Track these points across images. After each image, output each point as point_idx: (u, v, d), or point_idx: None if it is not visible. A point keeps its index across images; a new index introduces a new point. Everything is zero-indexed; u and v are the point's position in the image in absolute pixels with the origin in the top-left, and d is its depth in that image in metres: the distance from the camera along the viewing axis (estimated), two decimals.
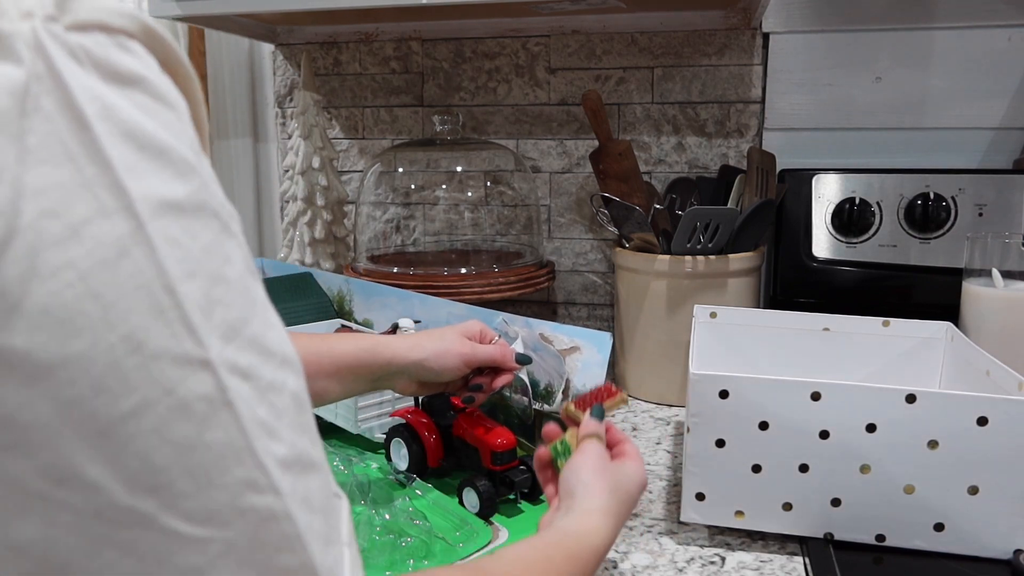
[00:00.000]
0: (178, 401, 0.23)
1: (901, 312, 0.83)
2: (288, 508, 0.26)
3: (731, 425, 0.60)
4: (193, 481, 0.24)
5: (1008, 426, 0.55)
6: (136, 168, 0.24)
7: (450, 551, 0.60)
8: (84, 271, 0.22)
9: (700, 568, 0.58)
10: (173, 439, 0.23)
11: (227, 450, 0.24)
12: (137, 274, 0.23)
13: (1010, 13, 1.00)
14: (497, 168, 1.18)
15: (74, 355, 0.22)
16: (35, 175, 0.22)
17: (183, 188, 0.25)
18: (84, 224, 0.22)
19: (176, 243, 0.24)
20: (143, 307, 0.23)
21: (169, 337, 0.23)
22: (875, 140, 1.07)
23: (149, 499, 0.23)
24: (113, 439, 0.23)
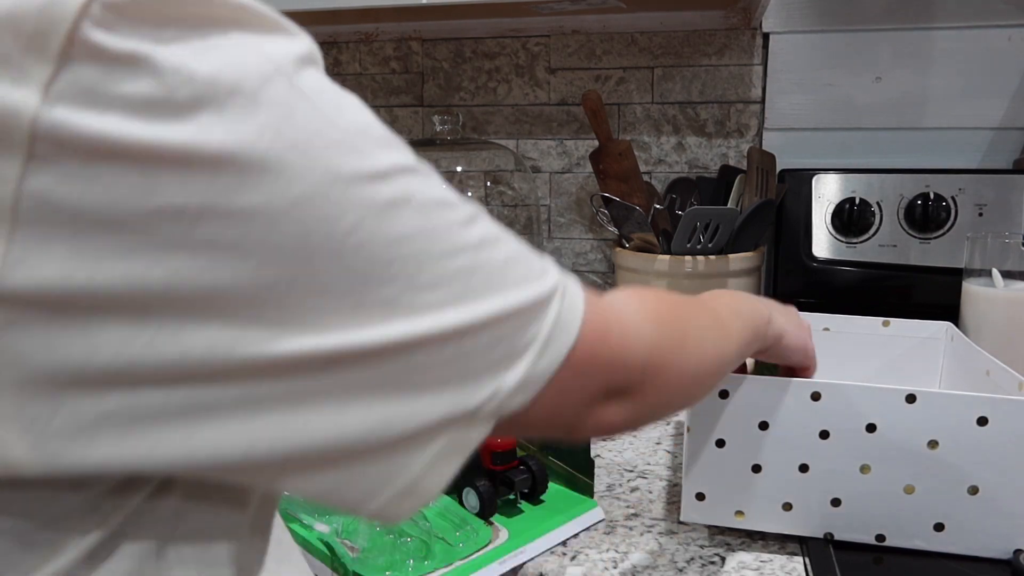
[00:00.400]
0: (378, 208, 0.29)
1: (901, 312, 0.83)
2: (476, 261, 0.31)
3: (731, 425, 0.60)
4: (414, 263, 0.29)
5: (1008, 426, 0.55)
6: (268, 36, 0.28)
7: (450, 551, 0.60)
8: (276, 128, 0.27)
9: (700, 568, 0.58)
10: (388, 237, 0.29)
11: (423, 233, 0.30)
12: (309, 120, 0.28)
13: (1010, 13, 1.00)
14: (497, 168, 1.18)
15: (297, 197, 0.27)
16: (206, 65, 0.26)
17: (297, 44, 0.29)
18: (257, 91, 0.26)
19: (316, 89, 0.29)
20: (324, 144, 0.28)
21: (350, 163, 0.28)
22: (875, 140, 1.07)
23: (391, 286, 0.29)
24: (347, 252, 0.28)
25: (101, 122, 0.24)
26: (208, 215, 0.26)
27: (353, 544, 0.60)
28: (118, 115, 0.24)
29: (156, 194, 0.25)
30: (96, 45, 0.24)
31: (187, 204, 0.25)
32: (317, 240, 0.27)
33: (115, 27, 0.24)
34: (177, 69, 0.25)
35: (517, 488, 0.67)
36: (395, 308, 0.29)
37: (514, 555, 0.60)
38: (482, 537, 0.62)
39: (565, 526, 0.64)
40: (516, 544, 0.61)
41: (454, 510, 0.66)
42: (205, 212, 0.25)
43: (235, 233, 0.26)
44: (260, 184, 0.26)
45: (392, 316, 0.29)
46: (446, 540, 0.61)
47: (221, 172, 0.26)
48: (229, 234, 0.26)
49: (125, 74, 0.25)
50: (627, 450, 0.80)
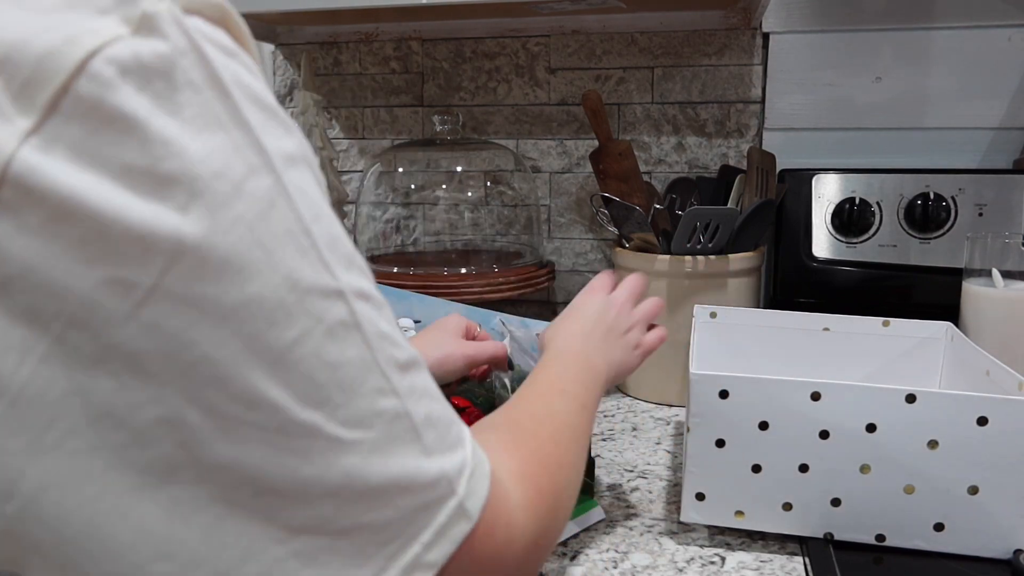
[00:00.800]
0: (326, 327, 0.28)
1: (901, 312, 0.83)
2: (404, 407, 0.30)
3: (731, 425, 0.60)
4: (343, 394, 0.28)
5: (1008, 426, 0.55)
6: (265, 127, 0.27)
7: None
8: (250, 223, 0.26)
9: (700, 568, 0.58)
10: (327, 359, 0.28)
11: (362, 363, 0.29)
12: (284, 221, 0.27)
13: (1010, 13, 1.00)
14: (497, 168, 1.18)
15: (251, 297, 0.26)
16: (198, 144, 0.25)
17: (292, 142, 0.29)
18: (243, 182, 0.26)
19: (301, 191, 0.28)
20: (292, 250, 0.27)
21: (313, 274, 0.27)
22: (875, 140, 1.07)
23: (316, 412, 0.27)
24: (286, 364, 0.27)
25: (75, 178, 0.23)
26: (158, 297, 0.24)
27: None
28: (95, 175, 0.24)
29: (111, 265, 0.24)
30: (89, 103, 0.23)
31: (139, 282, 0.24)
32: (260, 346, 0.26)
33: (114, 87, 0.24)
34: (168, 142, 0.25)
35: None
36: (315, 438, 0.27)
37: None
38: None
39: (570, 525, 0.64)
40: None
41: None
42: (156, 293, 0.24)
43: (181, 321, 0.25)
44: (218, 277, 0.25)
45: (310, 448, 0.27)
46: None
47: (182, 257, 0.25)
48: (174, 322, 0.25)
49: (113, 136, 0.24)
50: (627, 450, 0.80)
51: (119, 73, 0.24)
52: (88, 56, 0.23)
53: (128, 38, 0.24)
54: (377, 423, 0.29)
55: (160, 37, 0.25)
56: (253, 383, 0.26)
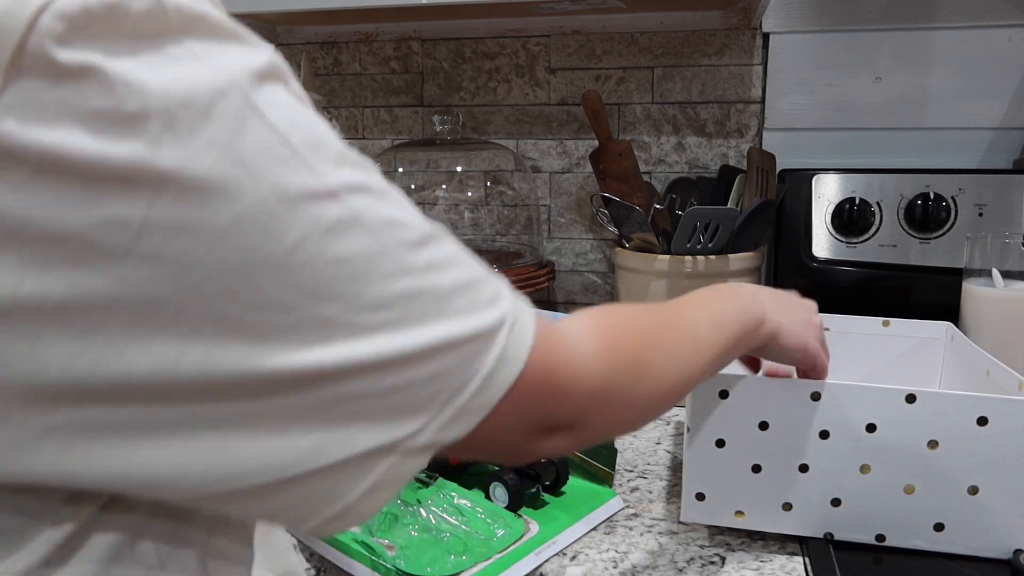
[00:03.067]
0: (324, 227, 0.29)
1: (901, 312, 0.83)
2: (422, 285, 0.31)
3: (731, 425, 0.60)
4: (357, 283, 0.29)
5: (1008, 426, 0.55)
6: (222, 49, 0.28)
7: (486, 546, 0.60)
8: (224, 143, 0.26)
9: (700, 568, 0.58)
10: (331, 256, 0.29)
11: (369, 253, 0.30)
12: (259, 136, 0.27)
13: (1010, 13, 1.00)
14: (497, 168, 1.18)
15: (240, 214, 0.27)
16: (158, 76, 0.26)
17: (259, 55, 0.29)
18: (209, 106, 0.26)
19: (272, 103, 0.28)
20: (273, 162, 0.28)
21: (299, 180, 0.28)
22: (875, 140, 1.07)
23: (332, 305, 0.29)
24: (290, 269, 0.28)
25: (49, 134, 0.24)
26: (151, 228, 0.26)
27: (390, 543, 0.60)
28: (66, 127, 0.25)
29: (101, 206, 0.25)
30: (46, 57, 0.24)
31: (130, 217, 0.25)
32: (260, 256, 0.27)
33: (67, 39, 0.24)
34: (128, 82, 0.25)
35: (543, 481, 0.68)
36: (335, 329, 0.29)
37: (548, 546, 0.61)
38: (515, 530, 0.62)
39: (591, 515, 0.65)
40: (548, 535, 0.62)
41: (484, 505, 0.67)
42: (148, 225, 0.26)
43: (178, 246, 0.26)
44: (204, 200, 0.26)
45: (331, 337, 0.29)
46: (481, 535, 0.61)
47: (165, 188, 0.26)
48: (172, 247, 0.26)
49: (75, 86, 0.25)
50: (627, 450, 0.80)
51: (69, 26, 0.24)
52: (37, 13, 0.24)
53: None
54: (399, 303, 0.30)
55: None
56: (262, 289, 0.27)
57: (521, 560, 0.59)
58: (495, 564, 0.58)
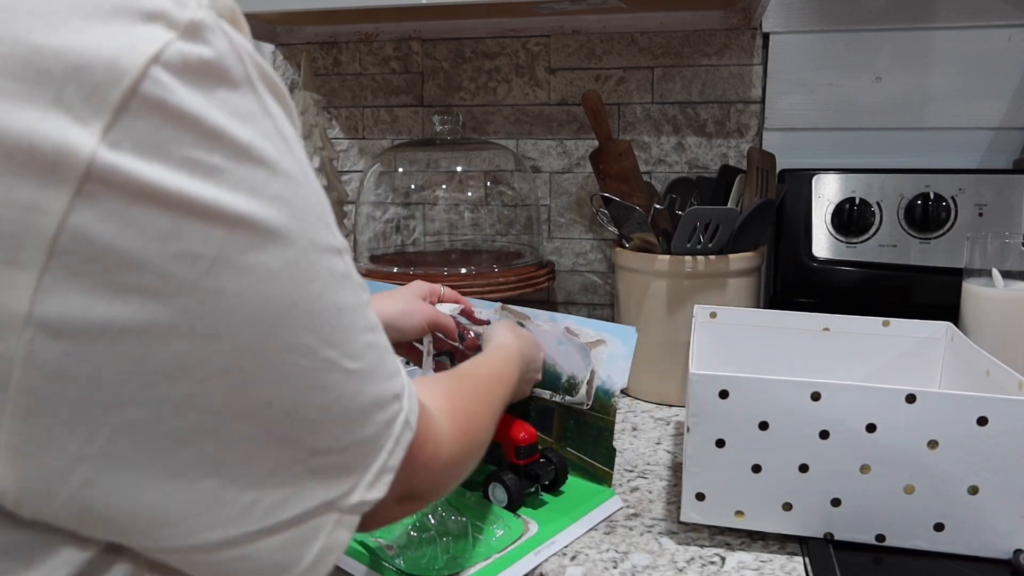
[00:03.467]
0: (335, 279, 0.33)
1: (901, 312, 0.83)
2: (377, 338, 0.36)
3: (731, 425, 0.60)
4: (347, 333, 0.34)
5: (1008, 426, 0.55)
6: (279, 114, 0.32)
7: (486, 545, 0.60)
8: (285, 199, 0.31)
9: (700, 568, 0.58)
10: (337, 305, 0.33)
11: (355, 306, 0.34)
12: (306, 196, 0.32)
13: (1010, 13, 1.00)
14: (497, 168, 1.18)
15: (289, 260, 0.31)
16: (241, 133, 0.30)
17: (296, 124, 0.34)
18: (276, 164, 0.31)
19: (308, 165, 0.33)
20: (313, 217, 0.32)
21: (326, 236, 0.33)
22: (875, 140, 1.07)
23: (333, 350, 0.33)
24: (315, 313, 0.32)
25: (146, 170, 0.27)
26: (220, 264, 0.29)
27: (389, 543, 0.60)
28: (162, 165, 0.27)
29: (180, 239, 0.28)
30: (153, 101, 0.27)
31: (204, 252, 0.28)
32: (296, 299, 0.31)
33: (173, 87, 0.27)
34: (220, 133, 0.29)
35: (542, 481, 0.69)
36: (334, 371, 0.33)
37: (547, 545, 0.61)
38: (515, 530, 0.63)
39: (590, 515, 0.66)
40: (547, 535, 0.62)
41: (484, 505, 0.66)
42: (219, 261, 0.29)
43: (239, 284, 0.29)
44: (265, 245, 0.30)
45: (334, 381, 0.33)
46: (480, 534, 0.62)
47: (238, 229, 0.29)
48: (234, 284, 0.29)
49: (175, 130, 0.27)
50: (627, 450, 0.80)
51: (176, 75, 0.27)
52: (150, 61, 0.27)
53: (178, 42, 0.28)
54: (367, 354, 0.35)
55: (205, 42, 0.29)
56: (293, 331, 0.31)
57: (520, 560, 0.59)
58: (494, 564, 0.58)
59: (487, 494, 0.68)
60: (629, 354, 0.72)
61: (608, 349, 0.73)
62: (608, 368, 0.73)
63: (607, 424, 0.71)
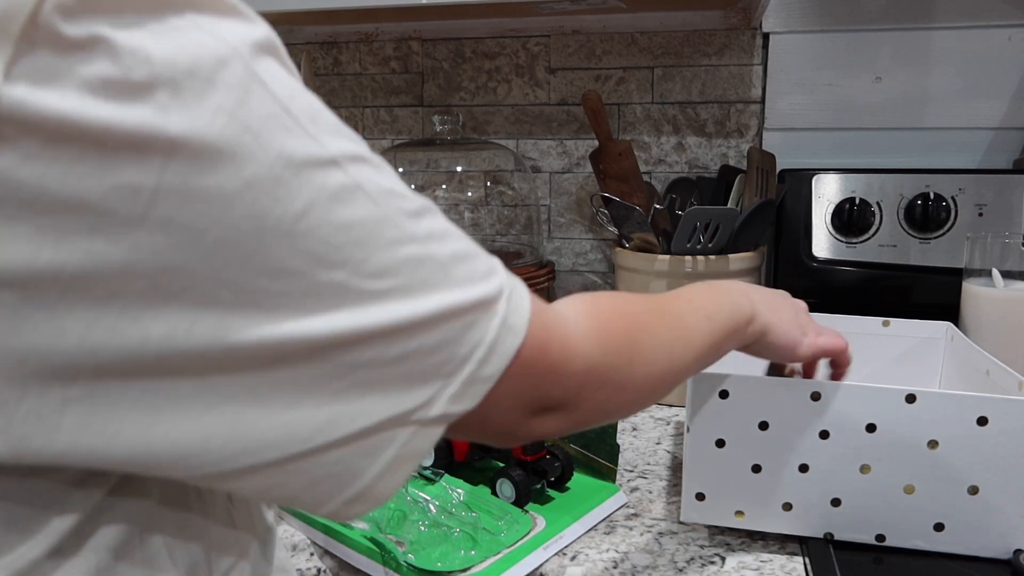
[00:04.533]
0: (329, 194, 0.29)
1: (901, 312, 0.83)
2: (424, 253, 0.32)
3: (731, 425, 0.60)
4: (363, 249, 0.30)
5: (1008, 426, 0.55)
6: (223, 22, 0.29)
7: (494, 541, 0.60)
8: (231, 111, 0.27)
9: (700, 568, 0.58)
10: (337, 222, 0.29)
11: (372, 220, 0.30)
12: (263, 105, 0.28)
13: (1010, 13, 1.00)
14: (497, 168, 1.18)
15: (249, 179, 0.27)
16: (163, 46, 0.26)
17: (258, 30, 0.30)
18: (213, 75, 0.27)
19: (271, 75, 0.29)
20: (278, 129, 0.28)
21: (303, 147, 0.29)
22: (875, 140, 1.07)
23: (340, 271, 0.29)
24: (299, 234, 0.28)
25: (61, 102, 0.25)
26: (164, 194, 0.26)
27: (399, 539, 0.60)
28: (77, 95, 0.25)
29: (114, 173, 0.25)
30: (55, 29, 0.25)
31: (143, 183, 0.26)
32: (269, 222, 0.28)
33: (75, 13, 0.25)
34: (134, 51, 0.26)
35: (548, 477, 0.69)
36: (343, 295, 0.30)
37: (555, 541, 0.61)
38: (523, 526, 0.63)
39: (596, 510, 0.66)
40: (555, 530, 0.62)
41: (491, 501, 0.67)
42: (160, 191, 0.26)
43: (190, 212, 0.27)
44: (214, 166, 0.27)
45: (340, 304, 0.30)
46: (489, 530, 0.62)
47: (176, 154, 0.26)
48: (184, 213, 0.26)
49: (83, 56, 0.25)
50: (627, 450, 0.80)
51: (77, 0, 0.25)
52: None
53: None
54: (403, 269, 0.31)
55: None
56: (272, 255, 0.28)
57: (529, 555, 0.59)
58: (504, 559, 0.58)
59: (495, 490, 0.68)
60: None
61: None
62: None
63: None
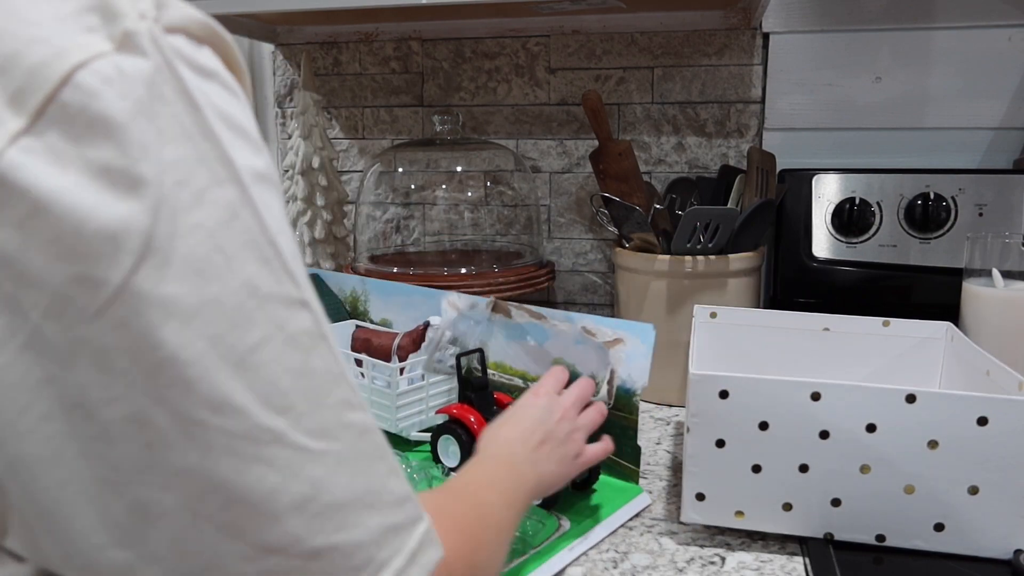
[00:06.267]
0: (289, 335, 0.28)
1: (901, 312, 0.83)
2: (369, 423, 0.30)
3: (731, 425, 0.60)
4: (308, 402, 0.29)
5: (1008, 426, 0.55)
6: (234, 144, 0.28)
7: (522, 542, 0.61)
8: (210, 229, 0.27)
9: (700, 568, 0.58)
10: (290, 366, 0.28)
11: (328, 374, 0.29)
12: (247, 231, 0.28)
13: (1010, 13, 1.00)
14: (497, 168, 1.18)
15: (211, 298, 0.27)
16: (168, 151, 0.26)
17: (262, 161, 0.30)
18: (205, 191, 0.27)
19: (267, 206, 0.29)
20: (254, 258, 0.28)
21: (276, 282, 0.29)
22: (875, 140, 1.07)
23: (280, 418, 0.28)
24: (249, 368, 0.27)
25: (55, 179, 0.25)
26: (126, 295, 0.25)
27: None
28: (74, 176, 0.25)
29: (82, 261, 0.25)
30: (73, 108, 0.25)
31: (109, 279, 0.25)
32: (222, 348, 0.27)
33: (97, 94, 0.25)
34: (144, 145, 0.26)
35: (577, 479, 0.69)
36: (280, 449, 0.28)
37: (581, 541, 0.62)
38: (549, 527, 0.63)
39: (620, 511, 0.66)
40: (580, 531, 0.63)
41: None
42: (123, 291, 0.25)
43: (147, 320, 0.26)
44: (181, 278, 0.26)
45: (275, 461, 0.28)
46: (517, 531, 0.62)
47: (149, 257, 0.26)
48: (141, 319, 0.26)
49: (93, 139, 0.25)
50: None
51: (102, 83, 0.25)
52: (74, 68, 0.25)
53: (111, 54, 0.26)
54: (344, 435, 0.29)
55: (139, 54, 0.26)
56: (218, 385, 0.27)
57: (556, 555, 0.59)
58: (532, 559, 0.58)
59: None
60: (648, 352, 0.72)
61: (626, 348, 0.74)
62: (628, 367, 0.73)
63: (630, 423, 0.72)
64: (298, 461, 0.28)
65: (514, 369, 0.81)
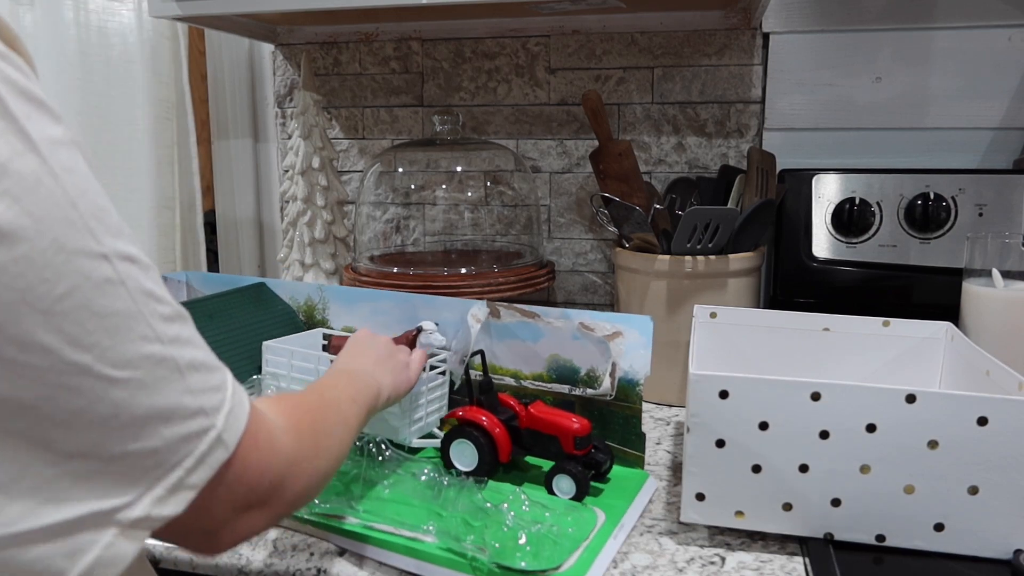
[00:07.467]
0: (93, 283, 0.33)
1: (901, 312, 0.83)
2: (168, 352, 0.36)
3: (731, 425, 0.60)
4: (111, 338, 0.33)
5: (1008, 426, 0.55)
6: (31, 116, 0.32)
7: (569, 538, 0.60)
8: (16, 196, 0.30)
9: (700, 568, 0.58)
10: (95, 309, 0.33)
11: (127, 314, 0.34)
12: (50, 196, 0.32)
13: (1010, 13, 1.00)
14: (497, 168, 1.18)
15: (20, 257, 0.30)
16: None
17: (60, 128, 0.34)
18: (8, 163, 0.30)
19: (68, 169, 0.33)
20: (59, 219, 0.32)
21: (79, 239, 0.33)
22: (875, 140, 1.07)
23: (86, 354, 0.32)
24: (56, 314, 0.32)
25: None
26: None
27: (481, 546, 0.59)
28: None
29: None
30: None
31: None
32: (30, 298, 0.31)
33: None
34: None
35: (602, 468, 0.71)
36: (84, 376, 0.32)
37: (620, 530, 0.62)
38: (590, 520, 0.63)
39: (639, 496, 0.68)
40: (615, 519, 0.64)
41: (552, 500, 0.67)
42: None
43: None
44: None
45: (80, 385, 0.32)
46: (560, 527, 0.62)
47: None
48: None
49: None
50: None
51: None
52: None
53: None
54: (144, 364, 0.34)
55: None
56: (26, 329, 0.31)
57: (605, 546, 0.60)
58: (585, 554, 0.58)
59: (550, 488, 0.69)
60: (648, 343, 0.74)
61: (626, 340, 0.75)
62: (629, 358, 0.75)
63: (634, 412, 0.74)
64: (102, 387, 0.33)
65: (505, 369, 0.81)
